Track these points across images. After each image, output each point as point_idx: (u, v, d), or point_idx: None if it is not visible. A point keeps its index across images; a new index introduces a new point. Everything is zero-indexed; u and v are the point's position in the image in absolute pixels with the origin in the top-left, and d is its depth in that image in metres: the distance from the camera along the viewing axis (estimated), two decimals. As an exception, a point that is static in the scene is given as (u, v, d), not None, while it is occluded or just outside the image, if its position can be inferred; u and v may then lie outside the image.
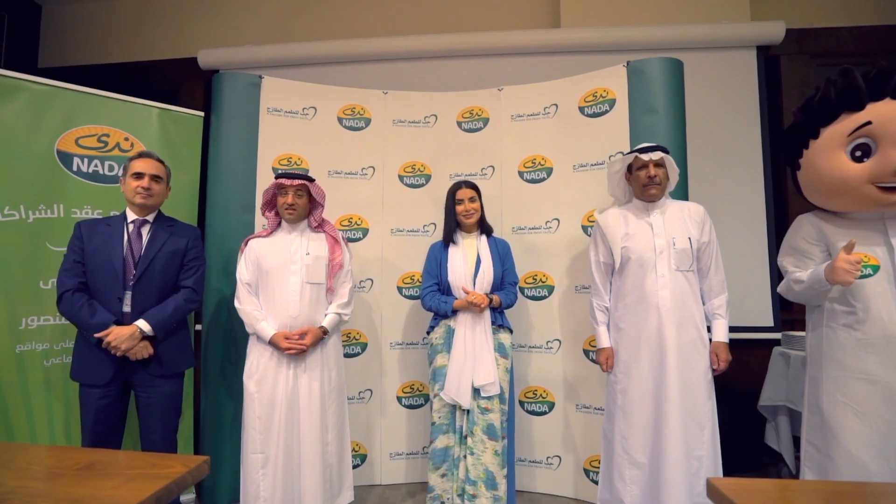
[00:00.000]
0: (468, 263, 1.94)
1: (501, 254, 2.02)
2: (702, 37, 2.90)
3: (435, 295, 1.94)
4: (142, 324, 1.64)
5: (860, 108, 1.45)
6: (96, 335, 1.59)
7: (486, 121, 2.49)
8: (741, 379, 2.65)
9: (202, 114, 2.38)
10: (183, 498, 2.13)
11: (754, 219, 2.80)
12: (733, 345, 2.73)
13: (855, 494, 0.77)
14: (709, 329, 1.77)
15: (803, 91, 2.89)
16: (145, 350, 1.66)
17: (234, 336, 2.19)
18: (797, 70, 2.95)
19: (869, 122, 1.43)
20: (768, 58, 2.94)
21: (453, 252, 1.97)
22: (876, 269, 1.46)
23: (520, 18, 3.29)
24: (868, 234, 1.50)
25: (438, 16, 3.37)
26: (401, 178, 2.49)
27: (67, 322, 1.90)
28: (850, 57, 2.93)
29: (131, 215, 1.76)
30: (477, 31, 3.14)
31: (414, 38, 3.12)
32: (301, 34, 3.55)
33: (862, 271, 1.43)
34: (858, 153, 1.47)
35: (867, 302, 1.45)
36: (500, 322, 1.93)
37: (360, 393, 2.35)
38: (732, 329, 2.74)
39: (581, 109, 2.30)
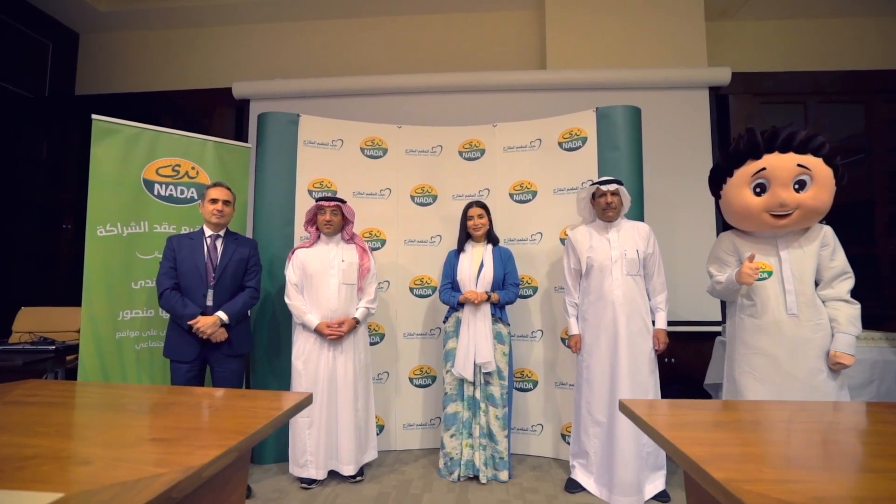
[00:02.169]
0: (473, 267, 2.42)
1: (504, 260, 2.47)
2: (663, 79, 3.44)
3: (447, 291, 2.44)
4: (221, 314, 2.13)
5: (759, 157, 1.95)
6: (188, 322, 2.07)
7: (482, 151, 2.98)
8: (695, 363, 3.18)
9: (250, 145, 2.87)
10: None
11: (706, 232, 3.32)
12: (689, 336, 3.28)
13: (717, 404, 1.27)
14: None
15: (748, 125, 3.43)
16: (223, 335, 2.14)
17: (277, 326, 2.67)
18: (743, 107, 3.49)
19: (764, 168, 1.93)
20: (719, 97, 3.48)
21: (463, 257, 2.46)
22: (770, 273, 1.96)
23: (512, 60, 3.82)
24: (765, 247, 2.00)
25: (443, 57, 3.89)
26: (412, 197, 2.97)
27: (153, 315, 2.40)
28: (787, 96, 3.49)
29: (208, 231, 2.25)
30: (476, 71, 3.65)
31: (422, 75, 3.63)
32: (322, 69, 4.05)
33: (760, 275, 1.94)
34: (758, 190, 1.96)
35: (763, 297, 1.95)
36: (498, 315, 2.41)
37: (378, 374, 2.82)
38: (688, 323, 3.31)
39: (560, 144, 2.81)
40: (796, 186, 1.88)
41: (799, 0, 3.75)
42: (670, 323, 3.15)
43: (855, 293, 1.96)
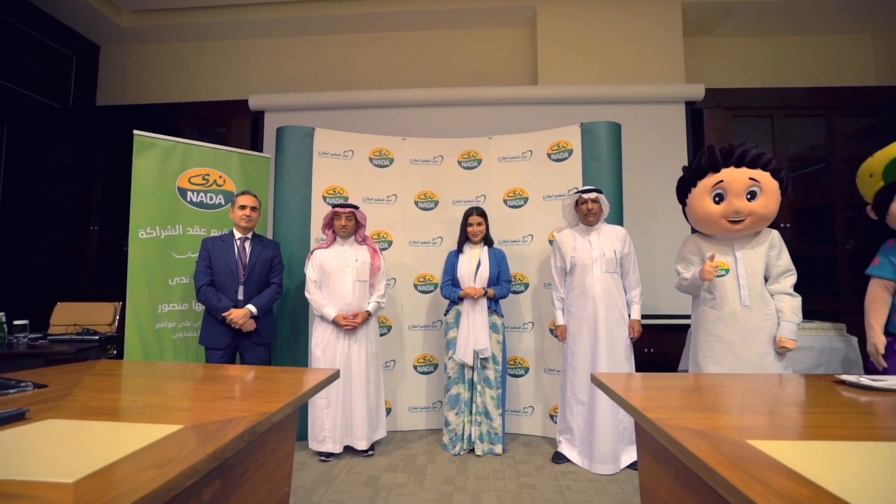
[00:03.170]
0: (471, 266, 2.68)
1: (498, 259, 2.73)
2: (644, 94, 3.71)
3: (448, 287, 2.70)
4: (251, 307, 2.39)
5: (717, 170, 2.22)
6: (223, 314, 2.33)
7: (479, 161, 3.24)
8: (671, 352, 3.45)
9: (269, 156, 3.13)
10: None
11: (682, 234, 3.55)
12: (666, 328, 3.55)
13: (669, 376, 1.54)
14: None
15: (720, 136, 3.70)
16: (252, 325, 2.40)
17: (296, 318, 2.93)
18: (716, 120, 3.75)
19: (721, 181, 2.20)
20: (694, 110, 3.75)
21: (462, 257, 2.72)
22: (727, 271, 2.23)
23: (507, 75, 4.09)
24: (723, 248, 2.26)
25: (443, 71, 4.15)
26: (416, 203, 3.22)
27: (187, 308, 2.65)
28: (755, 110, 3.75)
29: (237, 234, 2.50)
30: (474, 86, 3.91)
31: (424, 90, 3.88)
32: (331, 82, 4.31)
33: (719, 273, 2.21)
34: (717, 199, 2.23)
35: (722, 292, 2.21)
36: (493, 308, 2.67)
37: (386, 363, 3.07)
38: (665, 316, 3.57)
39: (548, 155, 3.07)
40: (748, 196, 2.15)
41: (768, 19, 4.04)
42: (650, 316, 3.47)
43: (815, 289, 2.22)
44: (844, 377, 1.35)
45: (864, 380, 1.29)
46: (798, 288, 2.18)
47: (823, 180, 3.68)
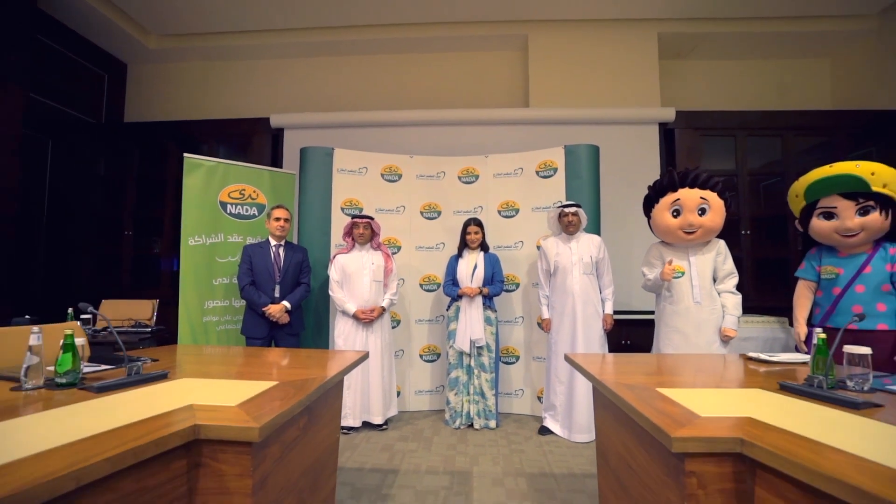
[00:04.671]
0: (469, 268, 3.07)
1: (492, 263, 3.13)
2: (622, 116, 4.12)
3: (449, 286, 3.10)
4: (286, 303, 2.79)
5: (675, 190, 2.64)
6: (262, 309, 2.73)
7: (476, 176, 3.65)
8: (644, 344, 3.85)
9: (294, 172, 3.53)
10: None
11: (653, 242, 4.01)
12: (640, 322, 3.95)
13: (627, 356, 1.95)
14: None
15: (691, 154, 4.13)
16: (286, 318, 2.80)
17: (319, 313, 3.33)
18: (686, 140, 4.16)
19: (678, 199, 2.62)
20: (667, 131, 4.16)
21: (462, 261, 3.12)
22: (682, 273, 2.65)
23: (501, 97, 4.50)
24: (680, 254, 2.68)
25: (444, 93, 4.55)
26: (422, 213, 3.62)
27: (228, 304, 3.05)
28: (720, 130, 4.17)
29: (273, 241, 2.90)
30: (473, 108, 4.31)
31: (428, 111, 4.26)
32: (344, 101, 4.70)
33: (676, 274, 2.63)
34: (675, 213, 2.65)
35: (678, 290, 2.63)
36: (488, 304, 3.09)
37: (395, 352, 3.47)
38: (640, 312, 3.98)
39: (537, 172, 3.48)
40: (699, 212, 2.56)
41: (738, 44, 4.47)
42: (626, 312, 3.89)
43: (771, 288, 2.52)
44: (752, 354, 1.77)
45: (763, 356, 1.71)
46: (755, 287, 2.60)
47: (779, 192, 4.11)
